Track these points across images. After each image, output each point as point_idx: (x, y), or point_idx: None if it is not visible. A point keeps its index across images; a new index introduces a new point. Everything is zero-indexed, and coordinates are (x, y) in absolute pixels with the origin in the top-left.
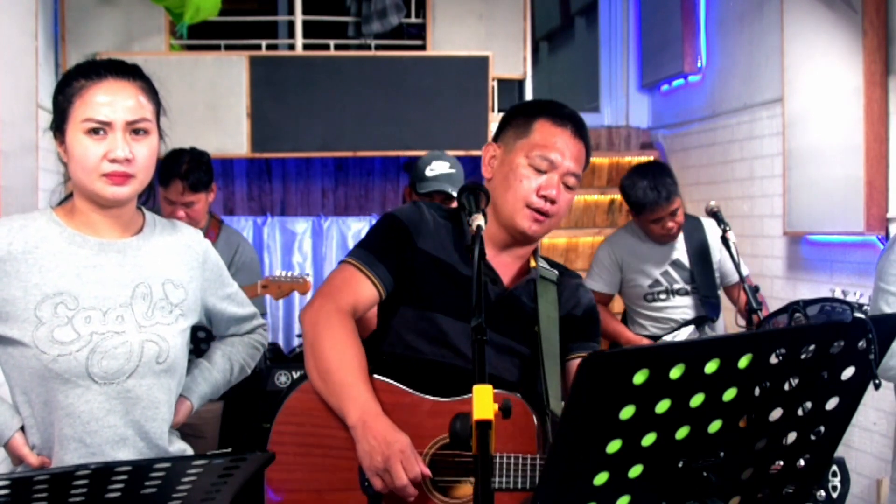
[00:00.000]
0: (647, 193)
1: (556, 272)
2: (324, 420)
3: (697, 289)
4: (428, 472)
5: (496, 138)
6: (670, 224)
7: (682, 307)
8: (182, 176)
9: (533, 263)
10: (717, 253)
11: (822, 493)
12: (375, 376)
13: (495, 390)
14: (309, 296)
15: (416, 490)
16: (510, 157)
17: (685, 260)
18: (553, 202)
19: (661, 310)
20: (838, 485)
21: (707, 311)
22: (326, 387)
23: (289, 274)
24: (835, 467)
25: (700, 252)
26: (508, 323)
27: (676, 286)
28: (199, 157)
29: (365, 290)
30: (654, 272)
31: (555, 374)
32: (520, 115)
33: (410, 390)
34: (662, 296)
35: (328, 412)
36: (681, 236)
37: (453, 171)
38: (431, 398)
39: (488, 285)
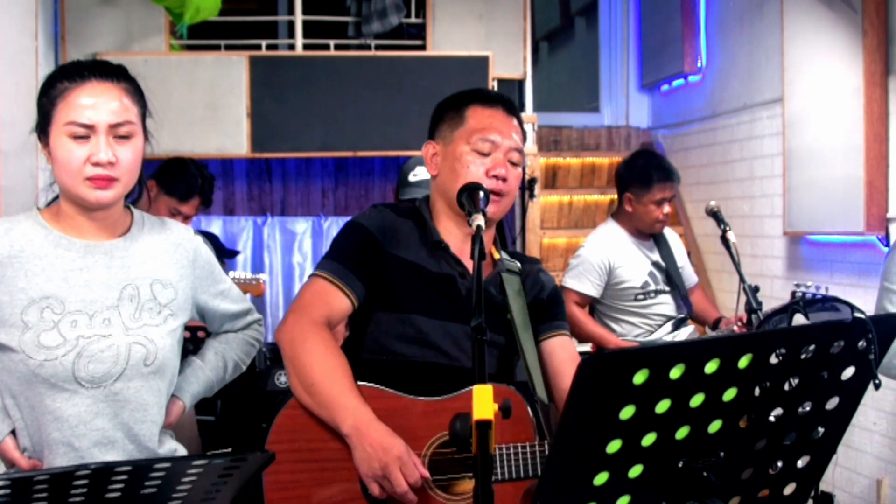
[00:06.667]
0: (657, 169)
1: (517, 263)
2: (316, 434)
3: (677, 288)
4: (427, 474)
5: (431, 136)
6: (667, 209)
7: (667, 304)
8: (201, 192)
9: (496, 255)
10: (681, 259)
11: None
12: (362, 383)
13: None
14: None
15: (415, 496)
16: (451, 148)
17: (661, 262)
18: (504, 180)
19: (649, 307)
20: None
21: (687, 309)
22: (314, 400)
23: (241, 276)
24: None
25: (670, 255)
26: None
27: (659, 287)
28: (210, 176)
29: (338, 302)
30: (642, 272)
31: (535, 364)
32: (450, 108)
33: (399, 393)
34: (652, 294)
35: (319, 426)
36: (652, 241)
37: None
38: (422, 399)
39: (457, 280)
